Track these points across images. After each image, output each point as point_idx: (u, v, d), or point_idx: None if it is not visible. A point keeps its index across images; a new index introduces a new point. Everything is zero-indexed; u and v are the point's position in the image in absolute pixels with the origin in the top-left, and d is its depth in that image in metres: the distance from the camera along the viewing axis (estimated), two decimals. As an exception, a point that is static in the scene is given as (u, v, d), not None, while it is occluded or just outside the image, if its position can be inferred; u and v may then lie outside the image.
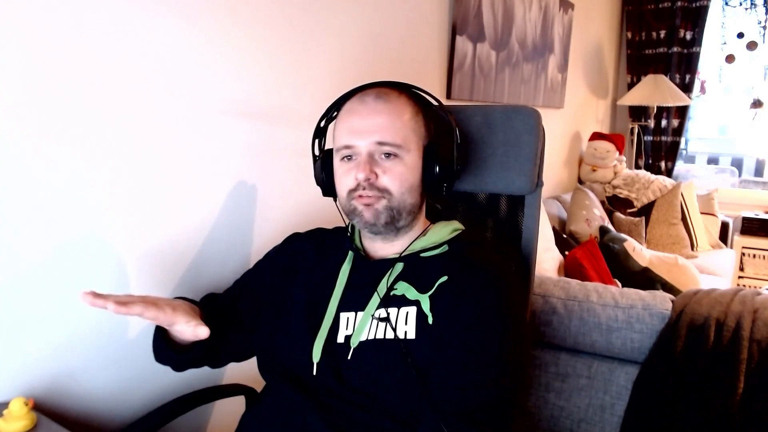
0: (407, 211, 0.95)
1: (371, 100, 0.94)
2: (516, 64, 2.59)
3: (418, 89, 1.00)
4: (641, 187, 3.46)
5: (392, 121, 0.92)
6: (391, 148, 0.92)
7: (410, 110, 0.96)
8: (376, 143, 0.91)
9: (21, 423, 0.84)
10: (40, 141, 0.92)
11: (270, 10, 1.30)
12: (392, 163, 0.92)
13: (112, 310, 0.80)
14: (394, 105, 0.94)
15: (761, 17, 3.87)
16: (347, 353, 0.90)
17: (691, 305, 1.42)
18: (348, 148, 0.94)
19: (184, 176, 1.16)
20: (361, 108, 0.94)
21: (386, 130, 0.92)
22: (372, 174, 0.91)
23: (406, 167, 0.93)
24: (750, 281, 3.72)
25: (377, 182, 0.92)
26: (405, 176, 0.93)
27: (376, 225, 0.93)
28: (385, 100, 0.94)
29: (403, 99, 0.96)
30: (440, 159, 0.96)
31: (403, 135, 0.93)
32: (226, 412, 1.32)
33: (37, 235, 0.94)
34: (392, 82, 0.99)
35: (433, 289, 0.90)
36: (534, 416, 1.55)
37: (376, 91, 0.96)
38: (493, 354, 0.86)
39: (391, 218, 0.93)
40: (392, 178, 0.92)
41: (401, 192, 0.93)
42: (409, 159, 0.93)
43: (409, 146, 0.93)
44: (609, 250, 2.42)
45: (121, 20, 1.00)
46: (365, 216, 0.93)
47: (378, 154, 0.92)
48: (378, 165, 0.92)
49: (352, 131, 0.93)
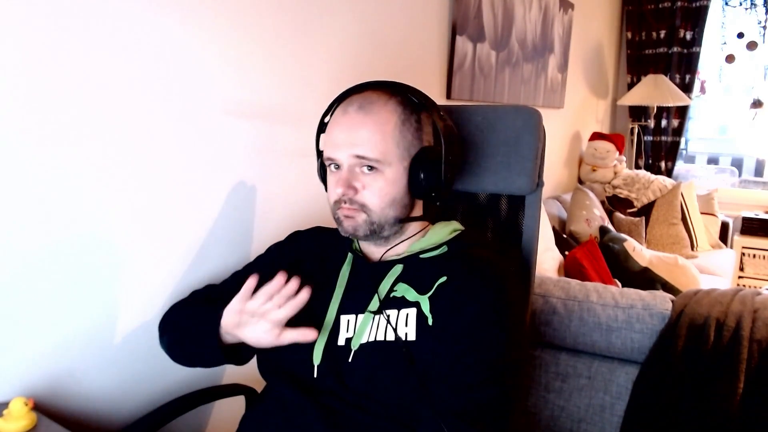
0: (390, 224, 0.94)
1: (353, 110, 0.91)
2: (516, 64, 2.59)
3: (412, 91, 0.96)
4: (641, 187, 3.46)
5: (372, 134, 0.90)
6: (370, 161, 0.90)
7: (396, 119, 0.91)
8: (354, 157, 0.90)
9: (21, 423, 0.84)
10: (40, 141, 0.92)
11: (271, 11, 1.30)
12: (373, 177, 0.91)
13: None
14: (377, 116, 0.90)
15: (761, 17, 3.87)
16: (348, 356, 0.90)
17: (691, 305, 1.42)
18: (330, 160, 0.94)
19: (184, 176, 1.16)
20: (343, 119, 0.92)
21: (365, 144, 0.89)
22: (350, 190, 0.90)
23: (386, 181, 0.91)
24: (750, 281, 3.72)
25: (356, 197, 0.91)
26: (385, 191, 0.91)
27: (356, 235, 0.94)
28: (367, 111, 0.91)
29: (390, 106, 0.92)
30: (426, 167, 0.92)
31: (383, 149, 0.90)
32: (226, 412, 1.32)
33: (37, 235, 0.94)
34: (386, 83, 0.96)
35: (432, 290, 0.90)
36: (534, 416, 1.55)
37: (361, 100, 0.92)
38: (493, 354, 0.86)
39: (372, 231, 0.93)
40: (372, 194, 0.91)
41: (381, 207, 0.92)
42: (390, 172, 0.91)
43: (390, 160, 0.91)
44: (609, 250, 2.42)
45: (121, 20, 1.00)
46: (344, 226, 0.93)
47: (359, 167, 0.91)
48: (358, 179, 0.91)
49: (333, 144, 0.92)
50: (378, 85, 0.96)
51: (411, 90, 0.96)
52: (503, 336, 0.87)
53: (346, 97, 0.96)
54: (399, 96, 0.94)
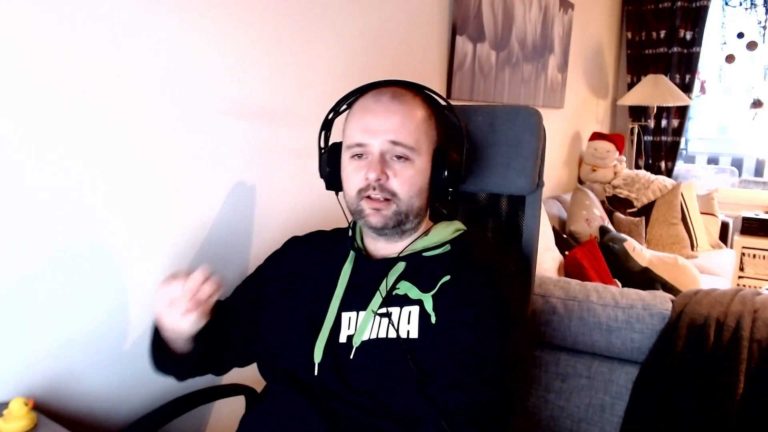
0: (414, 214, 0.95)
1: (387, 99, 0.93)
2: (516, 64, 2.59)
3: (431, 91, 1.00)
4: (641, 187, 3.46)
5: (406, 123, 0.92)
6: (404, 149, 0.91)
7: (423, 113, 0.95)
8: (389, 143, 0.91)
9: (21, 423, 0.84)
10: (39, 142, 0.92)
11: (270, 11, 1.30)
12: (403, 166, 0.92)
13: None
14: (409, 106, 0.94)
15: (761, 17, 3.87)
16: (350, 353, 0.90)
17: (691, 305, 1.42)
18: (360, 146, 0.93)
19: (184, 177, 1.16)
20: (376, 106, 0.93)
21: (400, 130, 0.91)
22: (383, 175, 0.91)
23: (416, 171, 0.93)
24: (750, 281, 3.72)
25: (387, 184, 0.92)
26: (414, 180, 0.93)
27: (385, 229, 0.94)
28: (401, 101, 0.93)
29: (418, 101, 0.96)
30: (449, 164, 0.96)
31: (415, 137, 0.92)
32: (226, 412, 1.32)
33: (36, 236, 0.94)
34: (407, 83, 0.98)
35: (435, 288, 0.90)
36: (534, 416, 1.55)
37: (392, 90, 0.95)
38: (495, 353, 0.86)
39: (398, 222, 0.93)
40: (402, 182, 0.92)
41: (410, 196, 0.93)
42: (419, 162, 0.93)
43: (421, 149, 0.93)
44: (609, 250, 2.42)
45: (120, 20, 1.00)
46: (371, 221, 0.93)
47: (390, 155, 0.92)
48: (389, 167, 0.92)
49: (366, 129, 0.92)
50: (400, 83, 0.98)
51: (431, 91, 1.00)
52: (507, 336, 0.87)
53: (363, 92, 0.97)
54: (422, 94, 0.98)
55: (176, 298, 0.88)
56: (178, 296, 0.87)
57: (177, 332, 0.93)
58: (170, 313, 0.90)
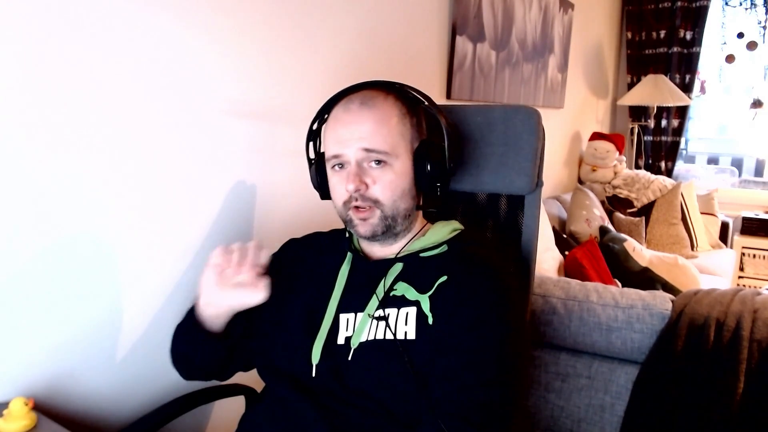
0: (402, 216, 0.94)
1: (356, 106, 0.92)
2: (516, 64, 2.59)
3: (408, 88, 0.98)
4: (641, 187, 3.46)
5: (378, 128, 0.91)
6: (379, 155, 0.91)
7: (397, 113, 0.94)
8: (363, 150, 0.90)
9: (21, 423, 0.84)
10: (39, 141, 0.92)
11: (270, 10, 1.30)
12: (382, 171, 0.92)
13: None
14: (380, 110, 0.92)
15: (761, 17, 3.87)
16: (347, 354, 0.90)
17: (691, 305, 1.42)
18: (336, 158, 0.93)
19: (184, 176, 1.16)
20: (346, 115, 0.93)
21: (373, 136, 0.90)
22: (362, 185, 0.91)
23: (395, 174, 0.92)
24: (750, 281, 3.72)
25: (368, 193, 0.91)
26: (395, 183, 0.92)
27: (375, 236, 0.94)
28: (370, 106, 0.92)
29: (390, 101, 0.94)
30: (431, 158, 0.94)
31: (390, 141, 0.91)
32: (226, 412, 1.32)
33: (36, 235, 0.94)
34: (379, 82, 0.97)
35: (432, 289, 0.90)
36: (534, 416, 1.55)
37: (361, 96, 0.94)
38: (493, 354, 0.85)
39: (387, 227, 0.93)
40: (383, 188, 0.92)
41: (393, 200, 0.92)
42: (398, 165, 0.92)
43: (398, 152, 0.92)
44: (609, 250, 2.42)
45: (120, 20, 1.00)
46: (360, 230, 0.94)
47: (367, 162, 0.91)
48: (368, 174, 0.91)
49: (339, 140, 0.92)
50: (371, 84, 0.97)
51: (404, 87, 0.98)
52: (505, 336, 0.87)
53: (338, 99, 0.96)
54: (394, 92, 0.96)
55: (228, 270, 0.91)
56: (232, 265, 0.91)
57: (222, 306, 0.94)
58: (222, 284, 0.92)
